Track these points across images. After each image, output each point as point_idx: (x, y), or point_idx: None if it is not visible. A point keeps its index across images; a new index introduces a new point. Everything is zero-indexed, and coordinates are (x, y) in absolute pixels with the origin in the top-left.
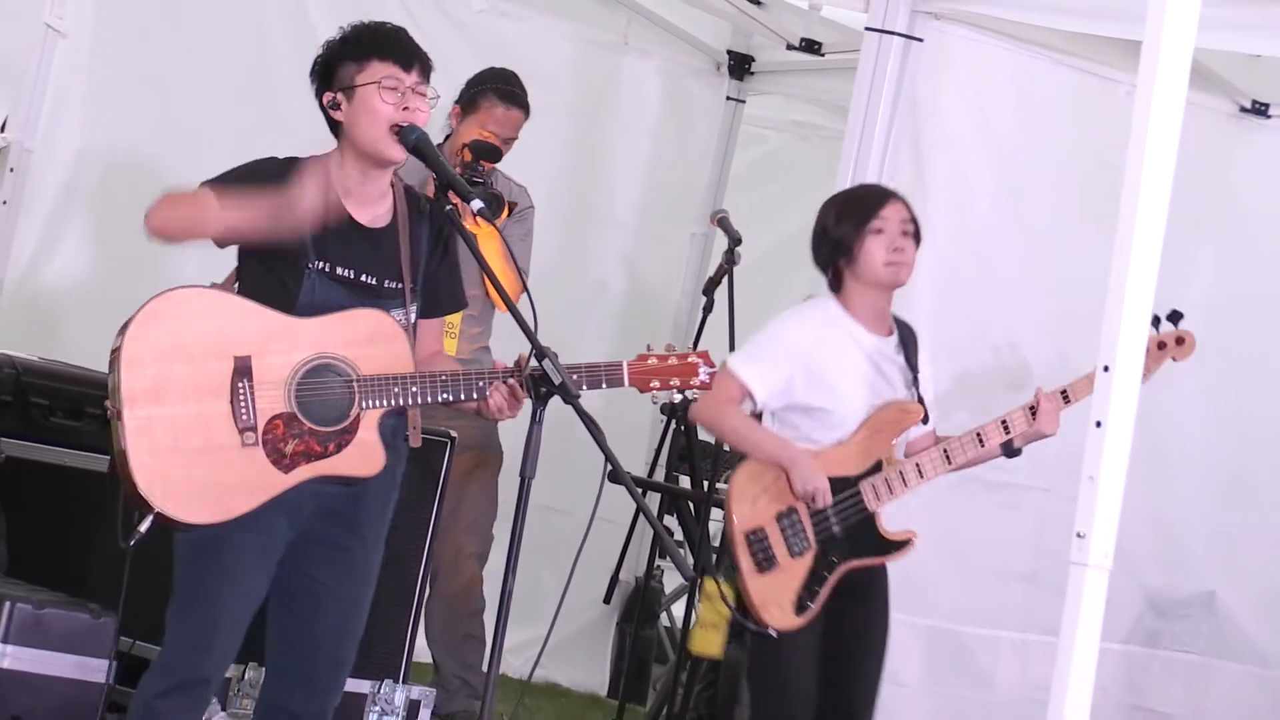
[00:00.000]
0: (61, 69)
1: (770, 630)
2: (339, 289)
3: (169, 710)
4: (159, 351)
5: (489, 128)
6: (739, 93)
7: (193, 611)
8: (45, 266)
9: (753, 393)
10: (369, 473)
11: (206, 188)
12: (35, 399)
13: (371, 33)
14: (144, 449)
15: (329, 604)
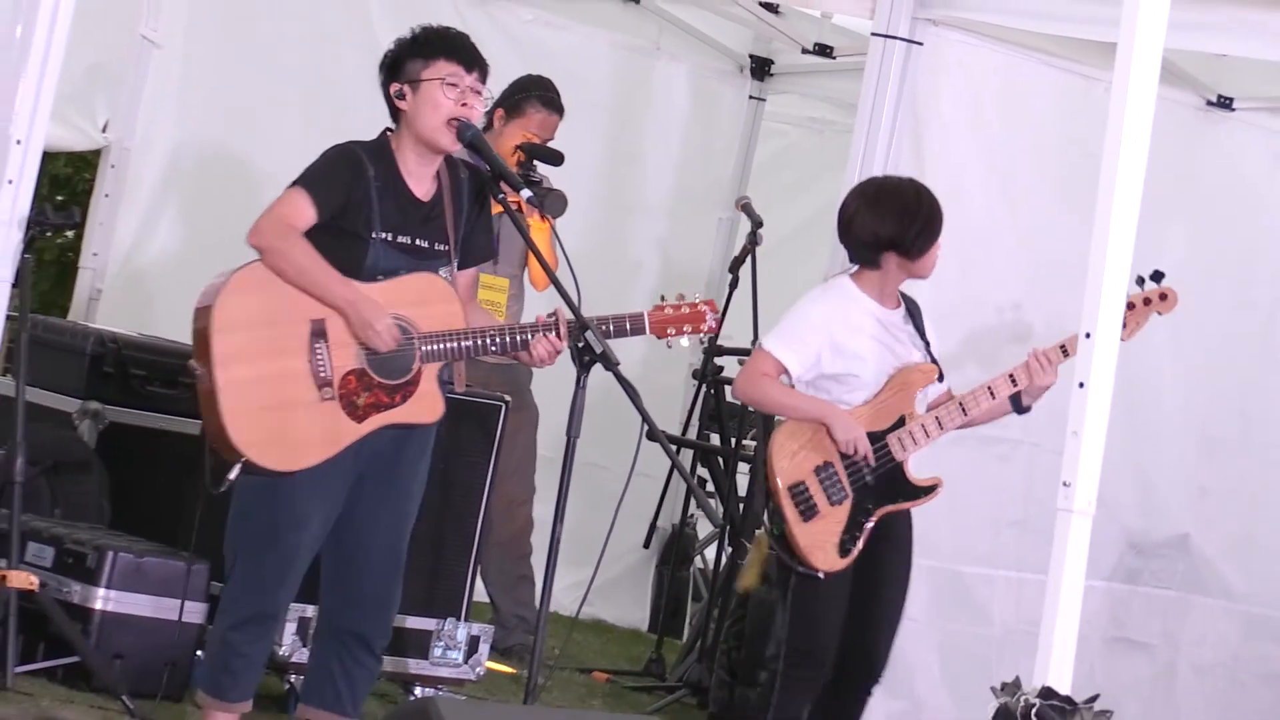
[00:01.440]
0: (155, 76)
1: (819, 572)
2: (397, 254)
3: (244, 641)
4: (245, 317)
5: (532, 130)
6: (760, 92)
7: (265, 551)
8: (142, 252)
9: (787, 368)
10: (432, 419)
11: (300, 190)
12: (134, 370)
13: (440, 35)
14: (234, 404)
15: (377, 534)
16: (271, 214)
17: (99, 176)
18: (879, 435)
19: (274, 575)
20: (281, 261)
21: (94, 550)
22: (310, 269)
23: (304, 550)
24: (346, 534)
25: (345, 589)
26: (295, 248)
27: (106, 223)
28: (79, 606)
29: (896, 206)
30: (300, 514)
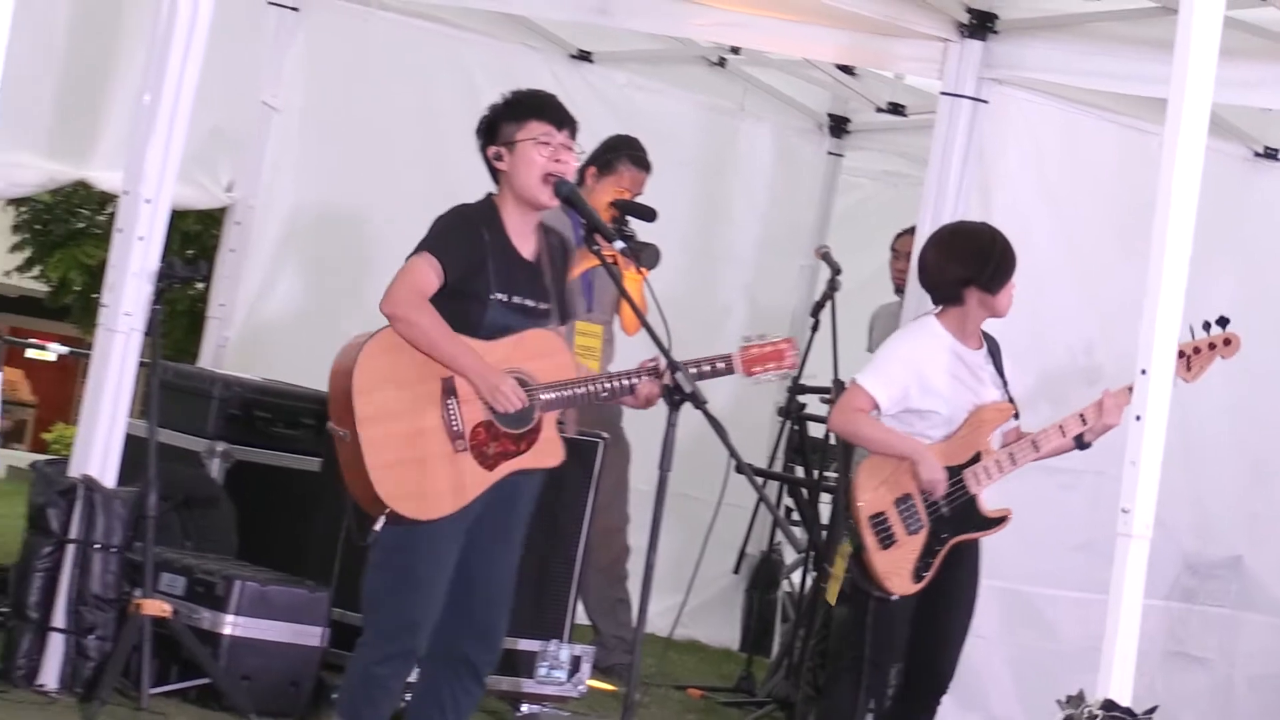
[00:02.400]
0: (276, 139)
1: (893, 596)
2: (511, 313)
3: (387, 676)
4: (381, 379)
5: (623, 186)
6: (837, 148)
7: (407, 593)
8: (265, 303)
9: (878, 402)
10: (555, 463)
11: (427, 257)
12: (259, 412)
13: (530, 97)
14: (378, 460)
15: (493, 569)
16: (403, 284)
17: (224, 233)
18: (955, 469)
19: (417, 615)
20: (413, 331)
21: (222, 579)
22: (439, 340)
23: (441, 589)
24: (464, 568)
25: (460, 619)
26: (425, 318)
27: (232, 276)
28: (209, 632)
29: (972, 246)
30: (439, 557)
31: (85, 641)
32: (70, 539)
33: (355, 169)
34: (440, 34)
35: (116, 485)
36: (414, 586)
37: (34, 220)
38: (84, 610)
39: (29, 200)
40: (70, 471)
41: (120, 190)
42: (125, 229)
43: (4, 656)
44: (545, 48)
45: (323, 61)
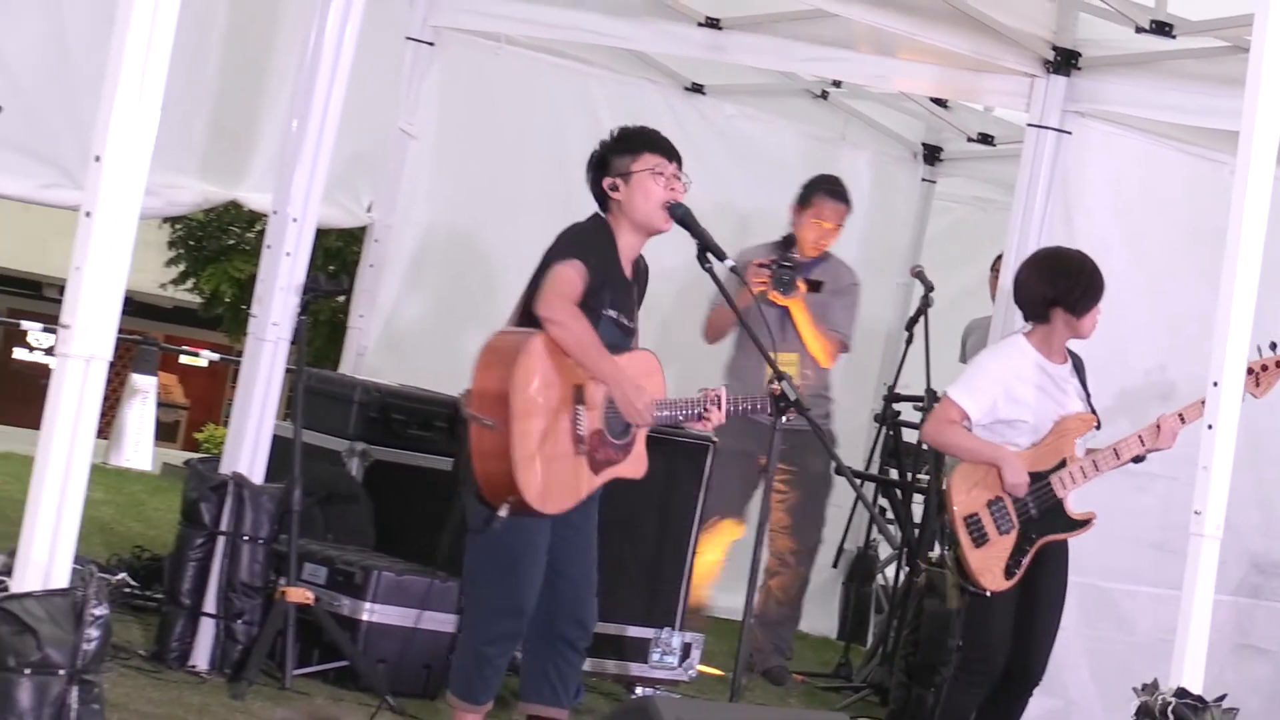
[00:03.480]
0: (412, 163)
1: (986, 592)
2: (615, 329)
3: (497, 654)
4: (534, 378)
5: (823, 218)
6: (930, 175)
7: (513, 579)
8: (401, 314)
9: (968, 413)
10: (641, 475)
11: (576, 264)
12: (395, 415)
13: (640, 132)
14: (523, 454)
15: (581, 557)
16: (555, 290)
17: (364, 250)
18: (1042, 475)
19: (521, 598)
20: (566, 335)
21: (361, 569)
22: (589, 347)
23: (540, 576)
24: (555, 559)
25: (555, 605)
26: (579, 324)
27: (371, 289)
28: (348, 618)
29: (1063, 270)
30: (539, 547)
31: (234, 626)
32: (221, 531)
33: (484, 192)
34: (565, 67)
35: (264, 482)
36: (520, 573)
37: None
38: (233, 597)
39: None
40: (221, 469)
41: (269, 210)
42: (274, 246)
43: (159, 640)
44: (662, 80)
45: (456, 92)
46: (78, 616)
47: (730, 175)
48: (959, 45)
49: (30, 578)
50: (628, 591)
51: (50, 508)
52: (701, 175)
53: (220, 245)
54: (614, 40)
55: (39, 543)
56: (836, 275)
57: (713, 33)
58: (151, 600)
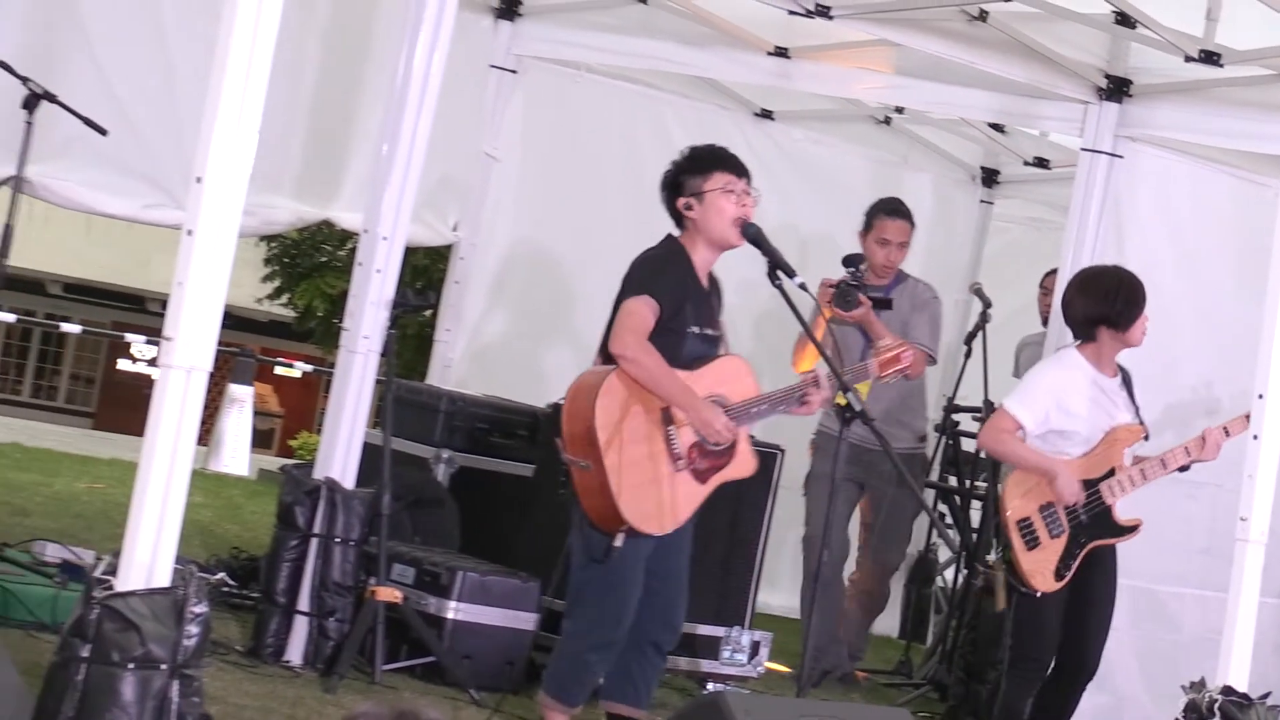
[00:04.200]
0: (496, 185)
1: (1038, 592)
2: (701, 343)
3: (595, 662)
4: (614, 414)
5: (886, 236)
6: (988, 197)
7: (615, 591)
8: (485, 329)
9: (1022, 424)
10: (751, 473)
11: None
12: (479, 424)
13: (710, 152)
14: (620, 485)
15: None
16: (628, 328)
17: (450, 267)
18: (1092, 482)
19: (625, 612)
20: (639, 372)
21: (447, 570)
22: (662, 379)
23: (640, 587)
24: (652, 566)
25: (647, 608)
26: (650, 359)
27: (456, 304)
28: (434, 616)
29: (1102, 289)
30: (639, 561)
31: (326, 623)
32: (314, 533)
33: (564, 212)
34: (641, 94)
35: (355, 487)
36: (624, 588)
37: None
38: (325, 596)
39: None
40: (315, 474)
41: (360, 229)
42: (365, 263)
43: (255, 636)
44: (733, 106)
45: (537, 117)
46: (179, 614)
47: (798, 197)
48: (1016, 73)
49: (134, 577)
50: (699, 592)
51: (153, 511)
52: (770, 197)
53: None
54: (687, 68)
55: (143, 544)
56: (914, 293)
57: (781, 61)
58: (248, 599)
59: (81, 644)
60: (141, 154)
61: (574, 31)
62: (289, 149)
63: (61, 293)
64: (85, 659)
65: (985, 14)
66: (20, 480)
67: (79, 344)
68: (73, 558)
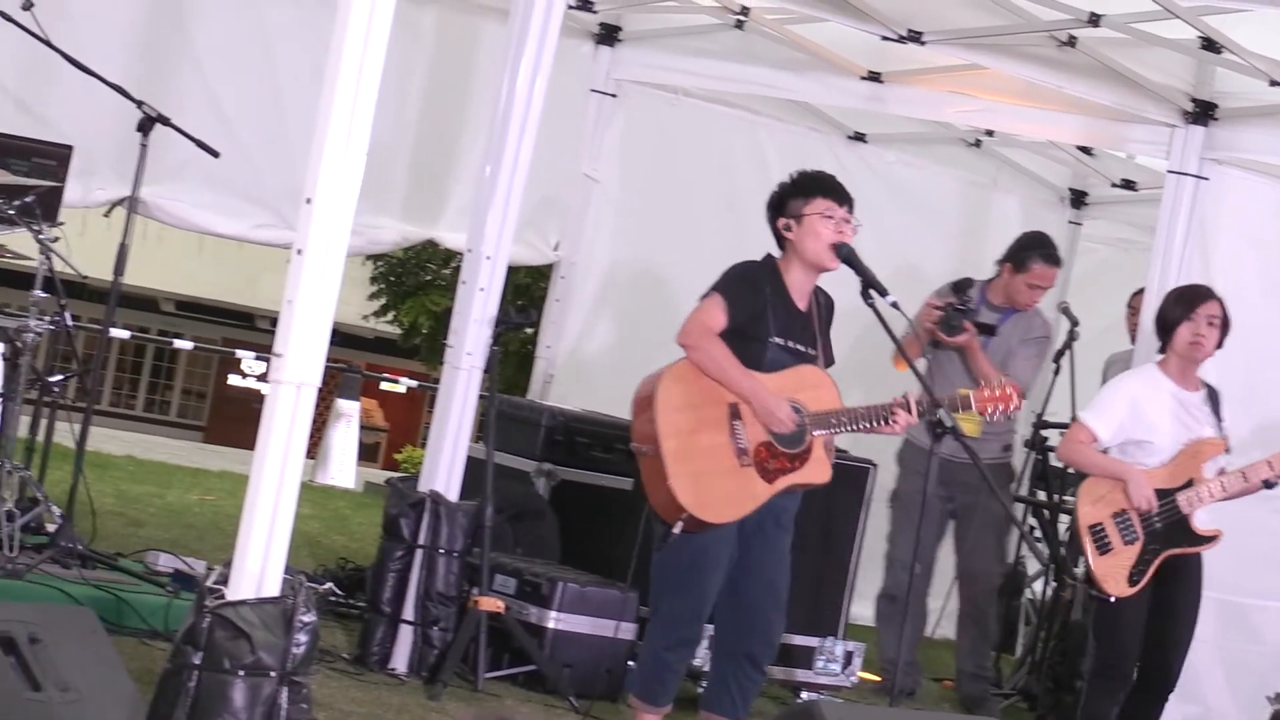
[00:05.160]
0: (596, 206)
1: (1110, 597)
2: (785, 354)
3: (676, 659)
4: (679, 403)
5: (1034, 282)
6: (1077, 218)
7: (692, 589)
8: (585, 345)
9: (1097, 435)
10: (824, 480)
11: (717, 298)
12: (579, 438)
13: (814, 177)
14: (680, 473)
15: (766, 573)
16: (695, 320)
17: (551, 285)
18: (1169, 492)
19: (699, 607)
20: (703, 359)
21: (547, 581)
22: (726, 366)
23: (718, 585)
24: (742, 573)
25: (740, 618)
26: (714, 347)
27: (557, 322)
28: (535, 625)
29: (1167, 303)
30: (718, 558)
31: (430, 632)
32: (419, 545)
33: (662, 233)
34: (737, 117)
35: (459, 499)
36: (698, 583)
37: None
38: (430, 605)
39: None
40: (419, 487)
41: (464, 248)
42: (469, 281)
43: (361, 644)
44: (826, 130)
45: (636, 140)
46: (288, 622)
47: (889, 218)
48: (1104, 97)
49: (245, 586)
50: (794, 603)
51: (264, 522)
52: (863, 218)
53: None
54: (783, 92)
55: (253, 554)
56: (1029, 326)
57: (874, 85)
58: (354, 608)
59: (193, 651)
60: (251, 176)
61: (672, 57)
62: (395, 171)
63: (174, 310)
64: (197, 666)
65: (1074, 39)
66: (134, 492)
67: (190, 360)
68: (184, 567)
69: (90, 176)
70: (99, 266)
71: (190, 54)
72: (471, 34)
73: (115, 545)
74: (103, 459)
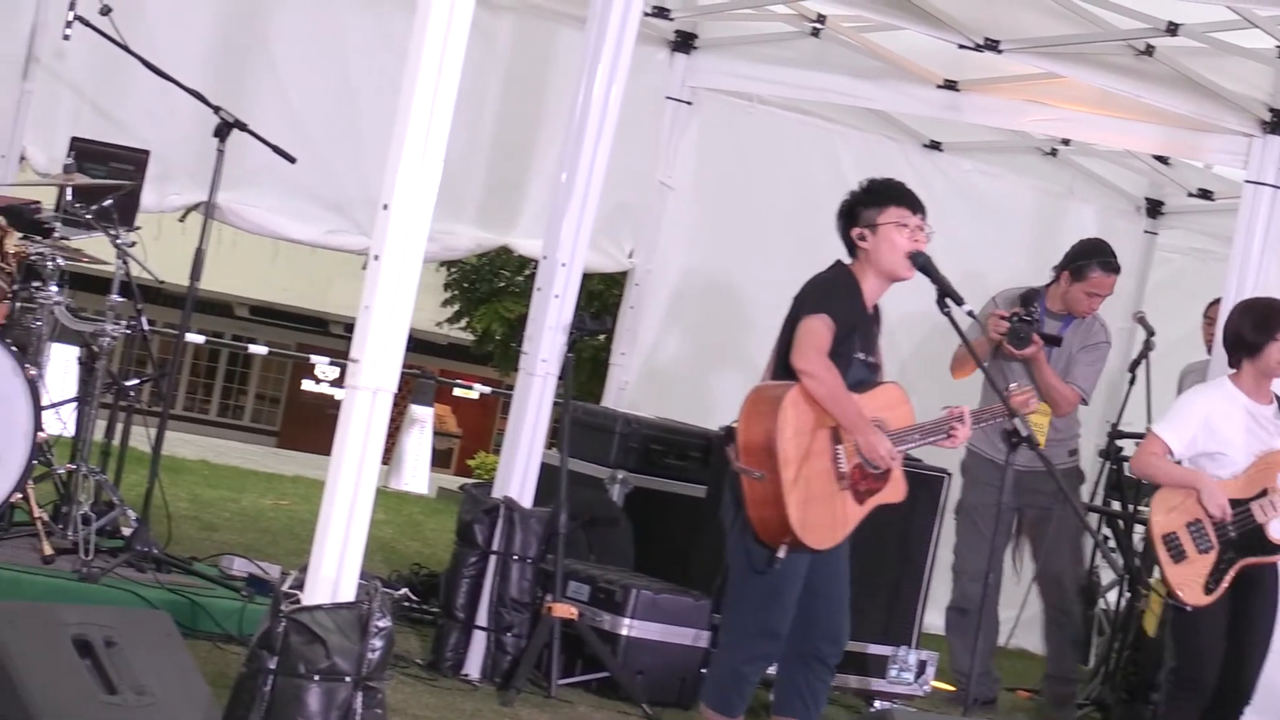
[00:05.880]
0: (671, 213)
1: (1186, 606)
2: (864, 369)
3: (753, 672)
4: (793, 428)
5: (1092, 290)
6: (1152, 228)
7: (772, 607)
8: (659, 353)
9: (1170, 448)
10: (902, 498)
11: (825, 319)
12: (653, 446)
13: (887, 186)
14: (795, 499)
15: (834, 582)
16: (810, 344)
17: (625, 292)
18: (1243, 502)
19: (778, 623)
20: (820, 388)
21: (621, 588)
22: (840, 398)
23: (795, 601)
24: (812, 582)
25: (811, 626)
26: (831, 377)
27: (631, 329)
28: (608, 632)
29: (1243, 319)
30: (797, 576)
31: (503, 638)
32: (493, 551)
33: (736, 240)
34: (812, 125)
35: (532, 506)
36: (778, 601)
37: (462, 279)
38: (503, 612)
39: (459, 262)
40: (494, 493)
41: (539, 255)
42: (544, 288)
43: (434, 650)
44: (902, 138)
45: (711, 147)
46: (363, 628)
47: (964, 226)
48: (1181, 107)
49: (320, 591)
50: (868, 612)
51: (339, 527)
52: (937, 226)
53: (492, 287)
54: (858, 100)
55: (328, 559)
56: (1088, 331)
57: (950, 94)
58: (428, 613)
59: (269, 656)
60: (325, 181)
61: (748, 64)
62: (470, 177)
63: (248, 315)
64: (272, 670)
65: (1151, 49)
66: (208, 496)
67: (264, 365)
68: (258, 572)
69: (166, 181)
70: (174, 271)
71: (266, 59)
72: (547, 41)
73: (190, 549)
74: (177, 463)
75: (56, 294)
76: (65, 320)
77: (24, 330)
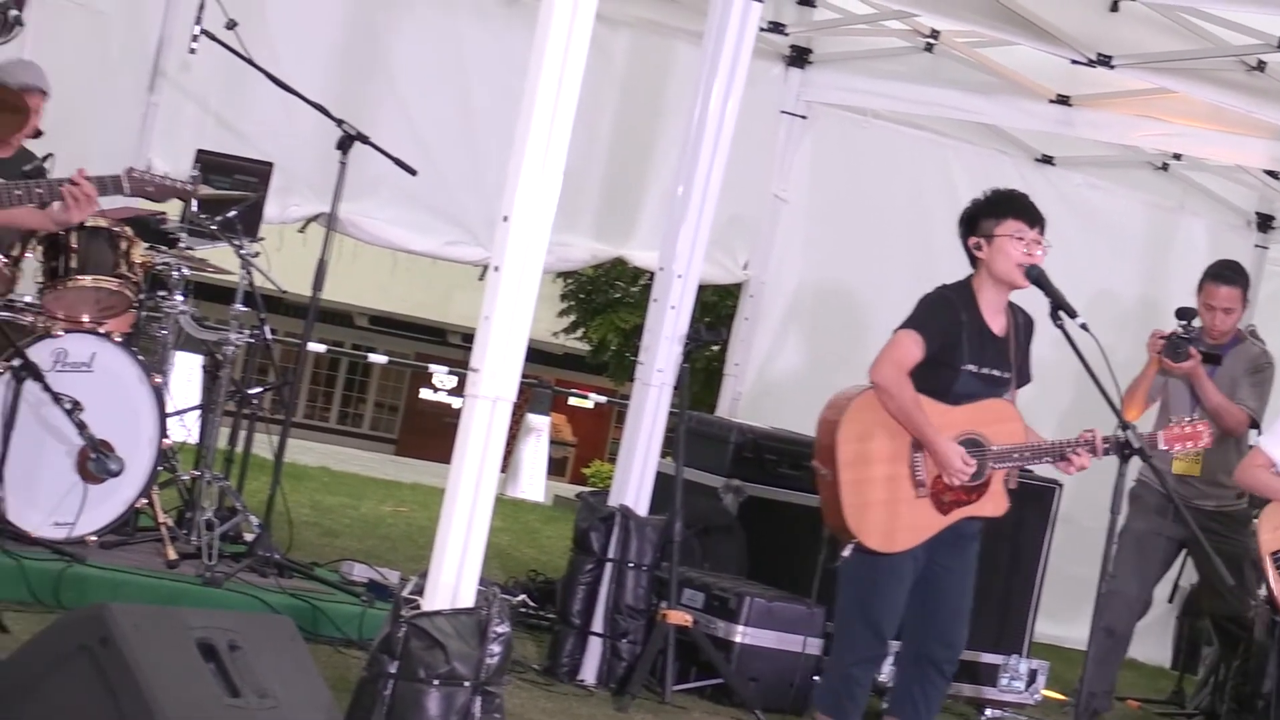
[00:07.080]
0: (785, 225)
1: None
2: (977, 381)
3: (861, 675)
4: (861, 432)
5: (1210, 303)
6: (1263, 241)
7: (876, 610)
8: (773, 364)
9: (1275, 461)
10: (999, 513)
11: (912, 334)
12: (767, 455)
13: (1007, 197)
14: (852, 499)
15: (949, 589)
16: (889, 358)
17: (740, 304)
18: None
19: (884, 625)
20: (891, 403)
21: (735, 595)
22: (911, 414)
23: (902, 602)
24: (927, 589)
25: (926, 629)
26: (903, 393)
27: (745, 340)
28: (722, 639)
29: None
30: (901, 578)
31: (619, 645)
32: (609, 558)
33: (850, 253)
34: (925, 139)
35: (648, 514)
36: (878, 602)
37: (578, 290)
38: (618, 618)
39: (575, 273)
40: (609, 502)
41: (655, 267)
42: (660, 299)
43: (550, 655)
44: (1014, 152)
45: (825, 161)
46: (482, 633)
47: (1076, 241)
48: None
49: (440, 598)
50: (981, 621)
51: (459, 534)
52: (1051, 240)
53: (607, 298)
54: (971, 115)
55: (448, 566)
56: (1250, 356)
57: (1063, 109)
58: (544, 620)
59: (389, 660)
60: (444, 194)
61: (862, 79)
62: (587, 189)
63: (368, 325)
64: (393, 675)
65: (1263, 64)
66: (329, 503)
67: (383, 374)
68: (378, 577)
69: (287, 193)
70: (295, 281)
71: (386, 73)
72: (664, 56)
73: (311, 555)
74: (298, 470)
75: (181, 303)
76: (190, 329)
77: (150, 339)
